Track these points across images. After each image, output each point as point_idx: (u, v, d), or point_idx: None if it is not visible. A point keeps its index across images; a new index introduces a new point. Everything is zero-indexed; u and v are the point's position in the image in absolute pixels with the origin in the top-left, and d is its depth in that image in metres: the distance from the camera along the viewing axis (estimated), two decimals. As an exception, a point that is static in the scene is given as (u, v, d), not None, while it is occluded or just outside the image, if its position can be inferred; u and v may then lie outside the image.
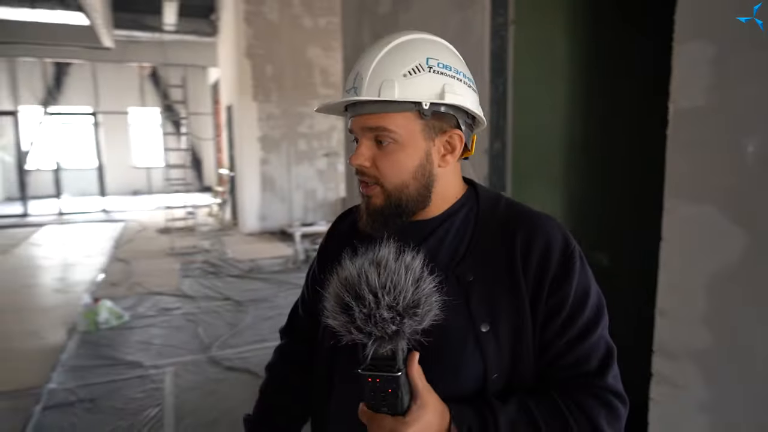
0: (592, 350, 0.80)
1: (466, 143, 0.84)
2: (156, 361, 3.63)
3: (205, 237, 8.33)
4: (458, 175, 0.89)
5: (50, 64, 13.30)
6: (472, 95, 0.84)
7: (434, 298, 0.71)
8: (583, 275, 0.82)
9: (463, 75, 0.83)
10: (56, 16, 8.04)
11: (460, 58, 0.85)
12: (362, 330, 0.68)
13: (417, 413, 0.70)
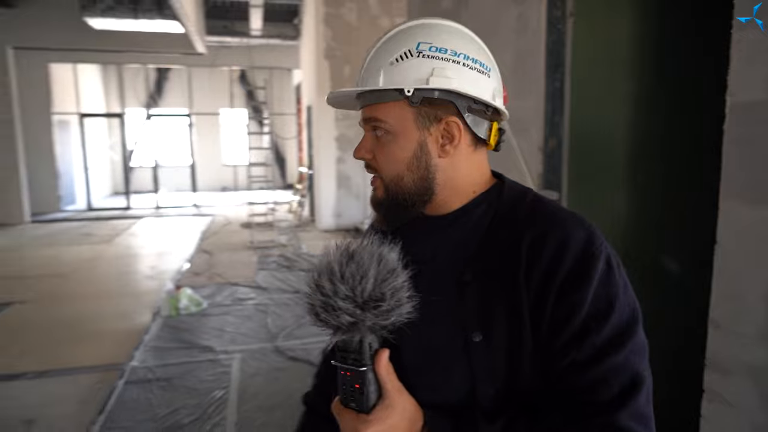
0: (610, 376, 0.66)
1: (477, 133, 0.77)
2: (227, 347, 3.85)
3: (283, 232, 8.68)
4: (477, 168, 0.80)
5: (152, 70, 14.47)
6: (476, 78, 0.75)
7: (404, 295, 0.68)
8: (609, 282, 0.69)
9: (466, 57, 0.75)
10: (156, 26, 8.73)
11: (470, 41, 0.78)
12: (319, 317, 0.67)
13: (381, 413, 0.68)
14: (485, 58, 0.78)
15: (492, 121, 0.79)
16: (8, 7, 9.24)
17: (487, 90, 0.77)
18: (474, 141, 0.78)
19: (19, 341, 4.05)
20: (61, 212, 10.98)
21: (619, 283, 0.70)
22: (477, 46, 0.78)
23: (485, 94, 0.77)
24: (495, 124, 0.79)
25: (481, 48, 0.79)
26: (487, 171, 0.83)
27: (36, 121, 10.55)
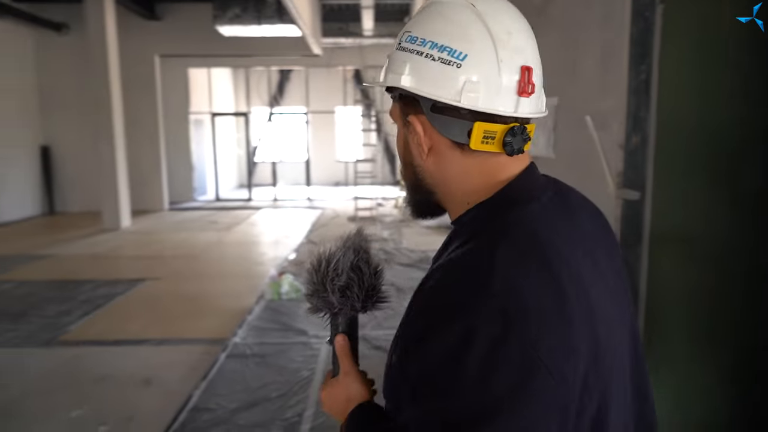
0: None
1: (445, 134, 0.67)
2: (318, 332, 4.08)
3: (387, 227, 8.91)
4: (470, 175, 0.69)
5: (276, 72, 15.55)
6: (440, 71, 0.64)
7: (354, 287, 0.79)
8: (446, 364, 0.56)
9: (433, 45, 0.65)
10: (277, 31, 9.39)
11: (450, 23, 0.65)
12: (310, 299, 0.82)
13: (331, 381, 0.82)
14: (462, 41, 0.64)
15: (475, 120, 0.65)
16: (156, 20, 10.49)
17: (450, 85, 0.64)
18: (455, 145, 0.68)
19: (148, 312, 4.64)
20: (193, 202, 12.24)
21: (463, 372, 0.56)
22: (459, 27, 0.65)
23: (444, 91, 0.64)
24: (479, 124, 0.65)
25: (467, 27, 0.65)
26: (491, 178, 0.69)
27: (176, 121, 11.86)
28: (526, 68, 0.66)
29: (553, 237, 0.65)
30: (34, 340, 3.95)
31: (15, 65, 9.95)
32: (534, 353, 0.55)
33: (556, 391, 0.57)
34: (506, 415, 0.54)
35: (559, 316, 0.59)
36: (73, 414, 2.86)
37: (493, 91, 0.64)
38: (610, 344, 0.66)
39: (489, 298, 0.57)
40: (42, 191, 10.57)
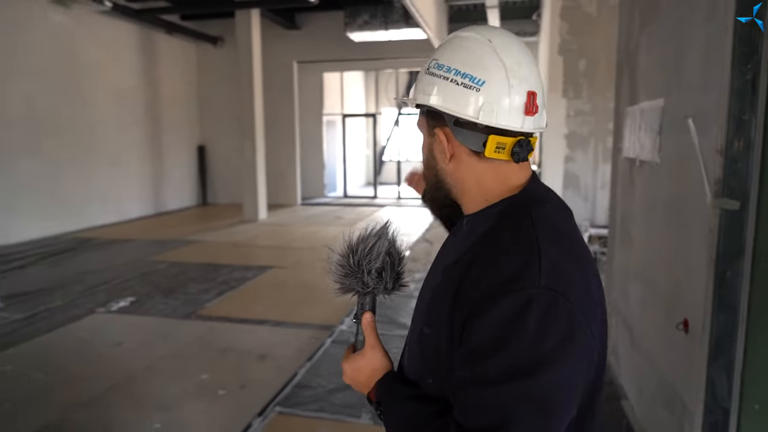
0: (475, 406, 0.71)
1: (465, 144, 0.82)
2: (419, 326, 4.23)
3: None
4: (488, 177, 0.83)
5: (405, 73, 15.97)
6: (461, 93, 0.79)
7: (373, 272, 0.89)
8: (507, 325, 0.69)
9: (457, 72, 0.79)
10: (404, 34, 9.70)
11: (471, 53, 0.79)
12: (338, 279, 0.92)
13: (355, 356, 0.92)
14: (481, 70, 0.78)
15: (489, 134, 0.79)
16: (296, 30, 11.40)
17: (471, 105, 0.78)
18: (473, 153, 0.82)
19: (271, 297, 5.15)
20: (323, 198, 13.09)
21: (524, 329, 0.68)
22: (479, 58, 0.79)
23: (465, 109, 0.79)
24: (493, 137, 0.79)
25: (485, 58, 0.79)
26: (508, 179, 0.83)
27: (310, 122, 12.77)
28: (531, 93, 0.81)
29: (569, 230, 0.83)
30: (178, 312, 4.62)
31: (182, 77, 11.49)
32: (575, 315, 0.71)
33: (588, 344, 0.74)
34: (560, 361, 0.69)
35: (586, 290, 0.77)
36: (201, 377, 3.34)
37: (505, 111, 0.79)
38: (604, 313, 0.83)
39: (539, 276, 0.71)
40: (198, 185, 12.07)
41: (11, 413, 2.94)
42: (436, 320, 0.80)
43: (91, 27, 8.88)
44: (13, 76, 7.56)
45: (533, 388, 0.68)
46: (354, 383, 0.93)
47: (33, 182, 7.90)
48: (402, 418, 0.83)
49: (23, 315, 4.53)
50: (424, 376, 0.84)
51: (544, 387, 0.69)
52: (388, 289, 0.92)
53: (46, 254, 6.91)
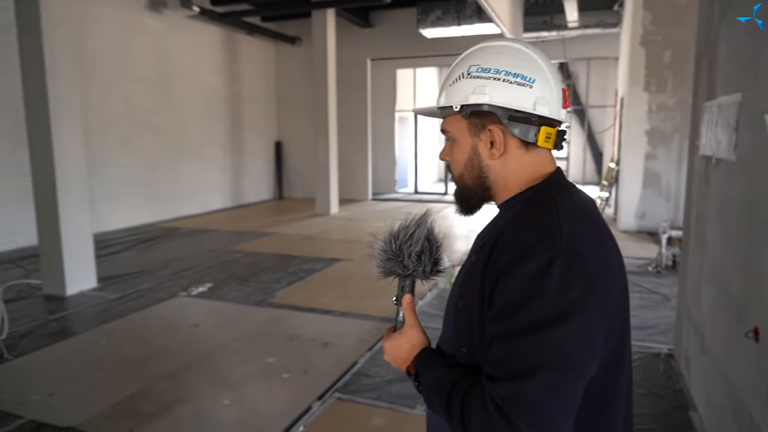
0: (507, 357, 0.77)
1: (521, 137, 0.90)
2: (480, 323, 4.23)
3: (578, 228, 8.47)
4: (528, 167, 0.93)
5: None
6: (516, 90, 0.88)
7: (414, 256, 0.96)
8: (532, 282, 0.77)
9: (507, 73, 0.88)
10: (477, 29, 9.59)
11: (516, 57, 0.90)
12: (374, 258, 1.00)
13: (395, 334, 1.00)
14: (529, 71, 0.89)
15: (541, 125, 0.90)
16: (369, 28, 11.59)
17: (528, 100, 0.89)
18: (523, 143, 0.91)
19: (337, 288, 5.33)
20: (394, 193, 13.24)
21: (547, 285, 0.76)
22: (522, 61, 0.90)
23: (525, 104, 0.89)
24: (544, 128, 0.90)
25: (527, 62, 0.90)
26: (540, 169, 0.94)
27: (382, 118, 12.94)
28: (565, 89, 0.94)
29: (591, 211, 0.93)
30: (251, 299, 4.90)
31: (261, 75, 12.05)
32: (593, 275, 0.79)
33: (605, 300, 0.81)
34: (580, 314, 0.77)
35: (604, 255, 0.85)
36: (267, 360, 3.54)
37: (554, 104, 0.91)
38: (625, 289, 0.92)
39: (560, 240, 0.80)
40: (274, 180, 12.61)
41: (103, 382, 3.28)
42: (469, 293, 0.89)
43: (181, 31, 9.53)
44: (116, 80, 8.29)
45: (557, 338, 0.75)
46: (393, 359, 1.00)
47: (130, 176, 8.62)
48: (437, 383, 0.89)
49: (117, 295, 5.00)
50: (458, 346, 0.92)
51: (566, 337, 0.75)
52: (426, 272, 0.99)
53: (139, 241, 7.54)
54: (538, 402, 0.74)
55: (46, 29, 4.68)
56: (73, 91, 4.98)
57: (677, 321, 3.63)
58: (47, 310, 4.62)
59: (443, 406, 0.86)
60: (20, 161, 6.24)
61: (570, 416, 0.78)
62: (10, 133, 6.65)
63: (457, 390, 0.84)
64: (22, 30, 4.77)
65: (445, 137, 1.00)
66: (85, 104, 7.02)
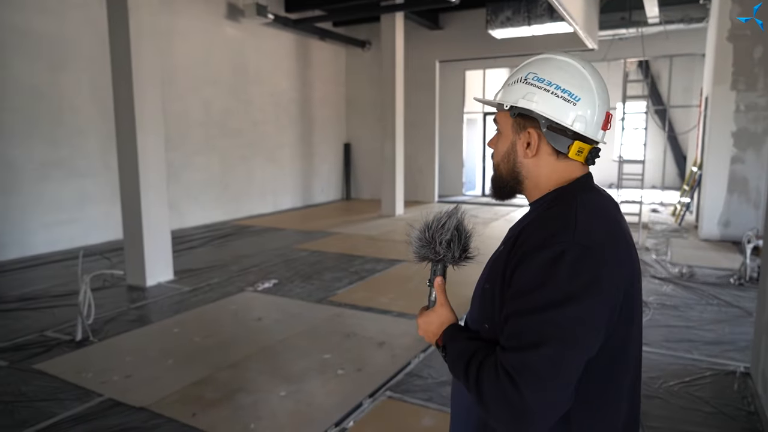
0: (518, 331, 0.90)
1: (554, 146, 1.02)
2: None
3: (654, 235, 8.03)
4: (558, 174, 1.04)
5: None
6: (560, 104, 0.99)
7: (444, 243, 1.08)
8: (543, 270, 0.90)
9: (557, 87, 0.99)
10: (548, 29, 9.33)
11: (571, 75, 1.00)
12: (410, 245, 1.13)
13: (427, 312, 1.13)
14: (578, 90, 0.99)
15: (575, 140, 1.00)
16: (439, 30, 11.59)
17: (568, 115, 0.99)
18: (556, 151, 1.02)
19: (396, 289, 5.39)
20: (461, 196, 13.14)
21: (557, 273, 0.88)
22: (575, 79, 1.00)
23: (564, 119, 0.99)
24: (577, 142, 1.00)
25: (579, 81, 1.00)
26: (569, 177, 1.04)
27: (450, 120, 12.89)
28: (609, 113, 1.03)
29: (608, 208, 1.03)
30: (312, 296, 5.06)
31: (332, 79, 12.37)
32: (601, 266, 0.90)
33: (610, 290, 0.91)
34: (585, 300, 0.88)
35: (612, 251, 0.94)
36: (324, 356, 3.66)
37: (592, 124, 1.01)
38: (638, 284, 1.02)
39: (574, 234, 0.91)
40: (342, 181, 12.90)
41: (173, 367, 3.52)
42: (494, 277, 1.01)
43: (256, 38, 9.99)
44: (196, 86, 8.83)
45: (562, 318, 0.87)
46: (426, 333, 1.13)
47: (207, 176, 9.16)
48: (460, 352, 1.01)
49: (190, 288, 5.33)
50: (482, 322, 1.04)
51: (570, 318, 0.87)
52: (456, 258, 1.11)
53: (212, 237, 7.99)
54: (540, 371, 0.86)
55: (134, 43, 5.09)
56: (155, 101, 5.38)
57: (755, 337, 3.38)
58: (129, 299, 5.01)
59: (463, 371, 0.97)
60: (110, 163, 6.82)
61: (567, 387, 0.89)
62: (103, 138, 7.27)
63: (476, 357, 0.96)
64: (113, 44, 5.21)
65: (496, 128, 1.12)
66: (168, 110, 7.55)
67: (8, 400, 3.06)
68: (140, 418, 2.86)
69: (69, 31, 6.94)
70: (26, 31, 6.51)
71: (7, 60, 6.35)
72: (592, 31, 9.30)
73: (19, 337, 4.04)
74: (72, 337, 3.97)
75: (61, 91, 6.91)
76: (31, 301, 4.90)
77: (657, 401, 3.04)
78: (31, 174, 6.64)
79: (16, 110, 6.47)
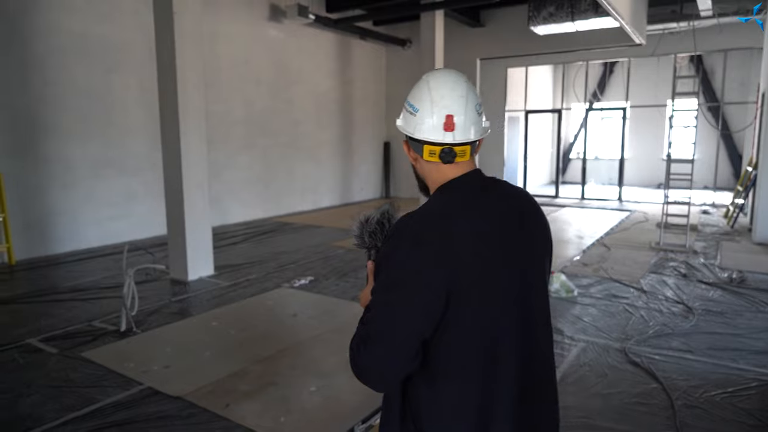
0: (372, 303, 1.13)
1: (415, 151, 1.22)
2: (575, 334, 4.04)
3: (704, 238, 7.70)
4: (431, 172, 1.21)
5: (599, 65, 14.86)
6: (407, 117, 1.19)
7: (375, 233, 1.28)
8: (389, 246, 1.12)
9: (408, 104, 1.19)
10: (592, 24, 9.05)
11: (417, 90, 1.19)
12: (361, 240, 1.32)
13: (364, 289, 1.26)
14: (418, 102, 1.17)
15: (424, 144, 1.17)
16: (480, 27, 11.46)
17: (411, 125, 1.18)
18: (420, 156, 1.20)
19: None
20: (501, 195, 12.94)
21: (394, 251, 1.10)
22: (418, 92, 1.19)
23: (409, 128, 1.19)
24: (426, 146, 1.17)
25: (419, 92, 1.18)
26: (445, 175, 1.19)
27: (491, 118, 12.65)
28: (449, 116, 1.15)
29: (450, 210, 1.14)
30: (347, 294, 5.12)
31: (372, 78, 12.43)
32: (423, 261, 1.06)
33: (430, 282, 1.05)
34: (409, 285, 1.06)
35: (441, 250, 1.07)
36: (355, 353, 3.69)
37: (429, 128, 1.16)
38: (488, 278, 1.10)
39: (407, 231, 1.11)
40: (382, 179, 12.94)
41: (210, 359, 3.64)
42: None
43: (297, 38, 10.15)
44: (239, 86, 9.06)
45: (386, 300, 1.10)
46: (363, 304, 1.24)
47: (249, 174, 9.38)
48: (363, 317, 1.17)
49: (229, 282, 5.49)
50: None
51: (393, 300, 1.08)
52: (378, 246, 1.28)
53: (253, 234, 8.18)
54: (372, 342, 1.07)
55: (178, 46, 5.27)
56: (198, 102, 5.56)
57: (807, 348, 3.19)
58: (171, 292, 5.21)
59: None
60: (157, 162, 7.07)
61: (397, 360, 1.07)
62: (150, 137, 7.56)
63: (360, 323, 1.14)
64: (159, 48, 5.42)
65: None
66: (212, 111, 7.78)
67: (57, 385, 3.24)
68: (176, 407, 2.97)
69: (121, 35, 7.26)
70: (84, 36, 6.85)
71: (67, 64, 6.71)
72: (640, 25, 8.98)
73: (69, 326, 4.26)
74: (117, 327, 4.16)
75: (112, 93, 7.24)
76: (82, 293, 5.16)
77: (697, 411, 2.93)
78: (86, 172, 6.99)
79: (73, 111, 6.82)
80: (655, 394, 3.11)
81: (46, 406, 2.99)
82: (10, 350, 3.78)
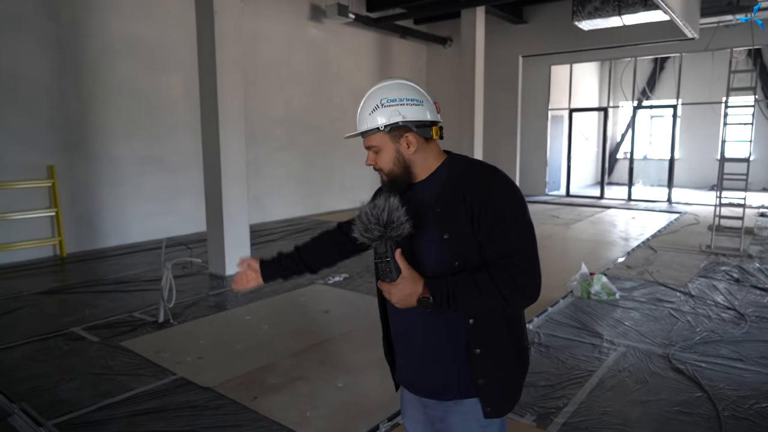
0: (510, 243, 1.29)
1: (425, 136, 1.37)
2: (615, 338, 3.87)
3: (760, 242, 7.26)
4: (433, 153, 1.41)
5: (649, 61, 14.29)
6: (415, 109, 1.36)
7: (403, 219, 1.27)
8: (504, 194, 1.31)
9: (408, 99, 1.36)
10: (642, 18, 8.71)
11: (409, 89, 1.37)
12: (363, 235, 1.29)
13: (400, 280, 1.28)
14: (418, 96, 1.37)
15: (433, 126, 1.38)
16: (523, 23, 11.22)
17: (423, 113, 1.37)
18: (425, 140, 1.39)
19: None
20: (543, 196, 12.64)
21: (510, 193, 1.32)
22: (413, 91, 1.38)
23: (424, 117, 1.37)
24: (434, 127, 1.38)
25: (415, 91, 1.38)
26: (438, 154, 1.42)
27: (534, 117, 12.43)
28: (435, 102, 1.43)
29: None
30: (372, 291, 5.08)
31: (412, 76, 12.35)
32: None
33: None
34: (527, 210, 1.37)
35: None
36: (385, 351, 3.66)
37: (434, 112, 1.39)
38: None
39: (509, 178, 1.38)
40: (421, 178, 12.86)
41: (241, 352, 3.69)
42: (453, 226, 1.31)
43: (337, 37, 10.22)
44: (280, 84, 9.20)
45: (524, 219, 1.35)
46: (404, 299, 1.28)
47: (289, 171, 9.51)
48: (464, 285, 1.26)
49: (265, 278, 5.55)
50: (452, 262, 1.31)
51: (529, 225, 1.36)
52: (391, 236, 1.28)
53: (291, 231, 8.28)
54: (534, 260, 1.32)
55: (218, 46, 5.38)
56: (238, 100, 5.66)
57: None
58: (209, 286, 5.32)
59: (477, 291, 1.25)
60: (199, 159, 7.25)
61: None
62: (193, 135, 7.76)
63: (480, 278, 1.25)
64: (201, 47, 5.54)
65: (370, 149, 1.40)
66: (253, 109, 7.93)
67: (96, 372, 3.36)
68: (206, 398, 3.02)
69: (166, 35, 7.49)
70: (131, 37, 7.10)
71: (115, 64, 6.98)
72: (692, 18, 8.56)
73: (111, 316, 4.41)
74: (155, 318, 4.28)
75: (158, 92, 7.48)
76: (125, 285, 5.34)
77: (745, 423, 2.74)
78: (132, 169, 7.25)
79: (121, 110, 7.09)
80: (699, 403, 2.93)
81: (84, 392, 3.09)
82: (55, 337, 3.94)
